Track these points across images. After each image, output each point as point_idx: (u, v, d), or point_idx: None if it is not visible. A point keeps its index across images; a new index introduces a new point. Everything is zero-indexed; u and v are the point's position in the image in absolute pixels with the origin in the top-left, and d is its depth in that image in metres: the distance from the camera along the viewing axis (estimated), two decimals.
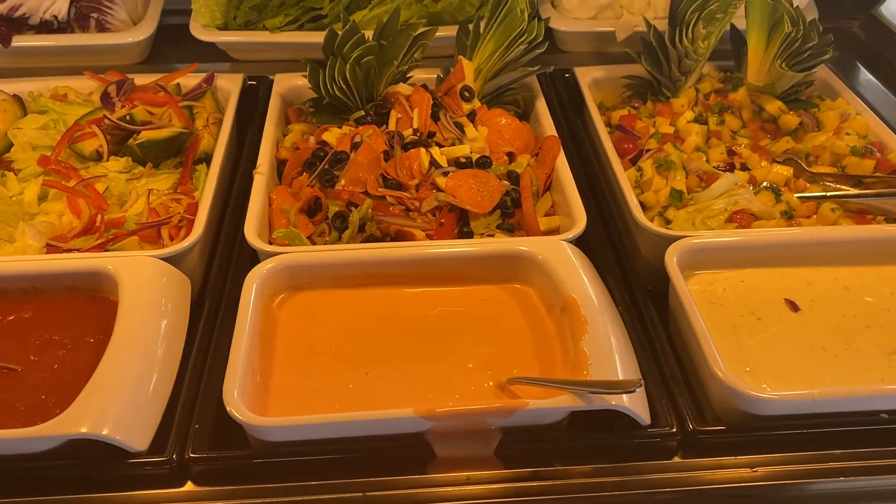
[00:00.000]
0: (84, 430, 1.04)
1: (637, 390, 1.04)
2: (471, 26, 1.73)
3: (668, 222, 1.44)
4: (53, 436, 1.06)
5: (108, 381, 1.10)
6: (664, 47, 1.71)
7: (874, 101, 1.91)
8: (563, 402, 1.07)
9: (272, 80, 1.84)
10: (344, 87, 1.58)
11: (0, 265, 1.27)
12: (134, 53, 1.96)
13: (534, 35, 1.68)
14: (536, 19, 1.70)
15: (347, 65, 1.55)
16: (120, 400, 1.09)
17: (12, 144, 1.66)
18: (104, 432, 1.04)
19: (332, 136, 1.59)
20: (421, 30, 1.60)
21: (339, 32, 1.58)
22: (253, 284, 1.25)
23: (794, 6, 1.69)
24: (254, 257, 1.36)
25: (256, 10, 1.86)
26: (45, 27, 1.90)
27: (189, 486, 1.07)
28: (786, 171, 1.54)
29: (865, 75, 2.08)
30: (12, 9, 1.83)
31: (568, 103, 1.86)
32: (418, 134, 1.59)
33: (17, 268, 1.28)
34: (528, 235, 1.45)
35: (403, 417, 1.05)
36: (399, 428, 1.06)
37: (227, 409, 1.04)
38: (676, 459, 1.09)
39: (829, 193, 1.48)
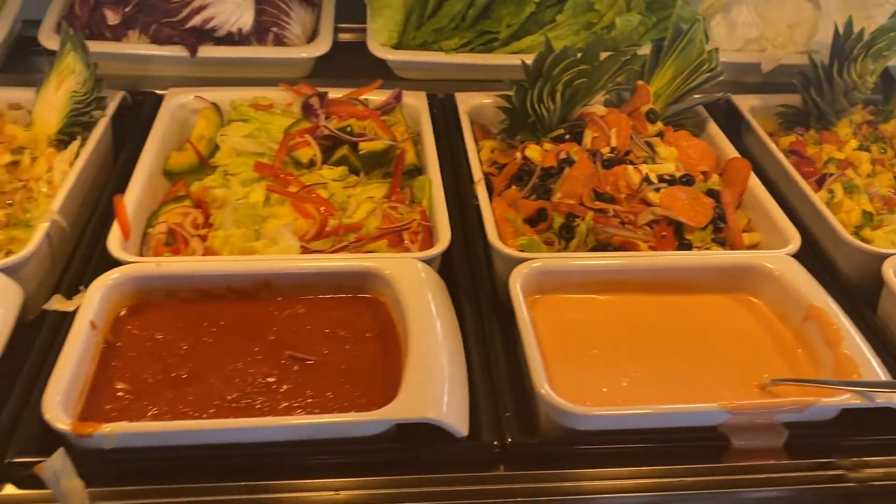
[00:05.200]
0: None
1: None
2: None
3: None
4: None
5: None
6: (831, 79, 1.83)
7: None
8: (847, 400, 1.16)
9: (442, 98, 1.94)
10: (551, 106, 1.68)
11: (285, 263, 1.36)
12: (304, 68, 2.04)
13: (714, 64, 1.80)
14: (715, 50, 1.82)
15: (558, 85, 1.65)
16: None
17: (216, 149, 1.74)
18: None
19: (534, 152, 1.68)
20: (629, 55, 1.70)
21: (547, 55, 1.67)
22: (516, 284, 1.33)
23: None
24: (500, 260, 1.44)
25: (436, 31, 1.95)
26: (227, 39, 1.97)
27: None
28: None
29: None
30: (205, 21, 1.90)
31: (727, 127, 1.97)
32: (615, 152, 1.68)
33: (293, 266, 1.36)
34: (731, 249, 1.55)
35: (706, 411, 1.14)
36: (700, 420, 1.15)
37: None
38: None
39: None
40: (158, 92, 1.89)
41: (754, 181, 1.66)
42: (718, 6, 2.15)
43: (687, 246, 1.51)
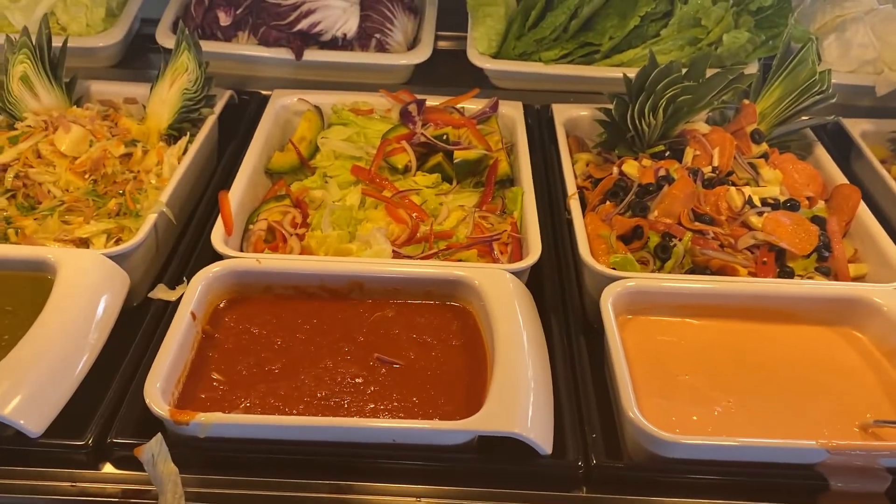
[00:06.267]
0: None
1: None
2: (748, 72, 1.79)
3: None
4: None
5: None
6: None
7: None
8: None
9: (539, 109, 1.93)
10: (652, 122, 1.64)
11: (378, 267, 1.37)
12: (404, 74, 2.06)
13: (826, 86, 1.73)
14: (828, 71, 1.75)
15: (661, 101, 1.62)
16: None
17: (316, 151, 1.78)
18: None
19: (632, 168, 1.65)
20: (738, 73, 1.65)
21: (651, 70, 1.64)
22: (608, 302, 1.31)
23: None
24: (592, 277, 1.42)
25: (537, 42, 1.94)
26: (331, 44, 2.01)
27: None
28: None
29: None
30: (312, 25, 1.95)
31: (835, 152, 1.89)
32: (717, 172, 1.64)
33: (386, 270, 1.37)
34: (836, 280, 1.49)
35: (804, 448, 1.09)
36: (796, 458, 1.11)
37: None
38: None
39: None
40: (263, 92, 1.96)
41: (863, 210, 1.59)
42: (832, 26, 2.07)
43: (789, 274, 1.46)
